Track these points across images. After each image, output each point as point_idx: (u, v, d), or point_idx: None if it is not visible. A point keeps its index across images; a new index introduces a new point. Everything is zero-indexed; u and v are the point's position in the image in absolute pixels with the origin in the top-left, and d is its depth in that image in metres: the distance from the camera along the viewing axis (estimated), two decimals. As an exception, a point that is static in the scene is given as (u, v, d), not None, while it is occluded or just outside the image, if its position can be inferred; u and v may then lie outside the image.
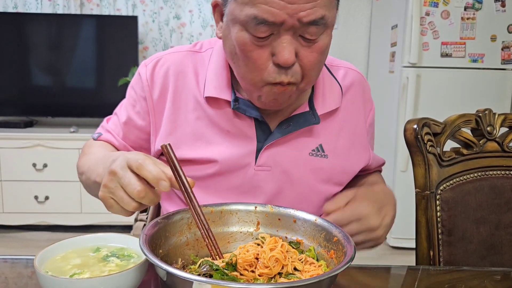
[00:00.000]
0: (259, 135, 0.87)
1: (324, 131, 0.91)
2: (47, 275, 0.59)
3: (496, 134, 1.05)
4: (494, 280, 0.79)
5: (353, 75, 0.97)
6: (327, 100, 0.90)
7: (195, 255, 0.70)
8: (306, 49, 0.72)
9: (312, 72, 0.75)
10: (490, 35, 2.73)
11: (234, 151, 0.86)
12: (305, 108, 0.88)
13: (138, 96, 0.92)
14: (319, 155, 0.90)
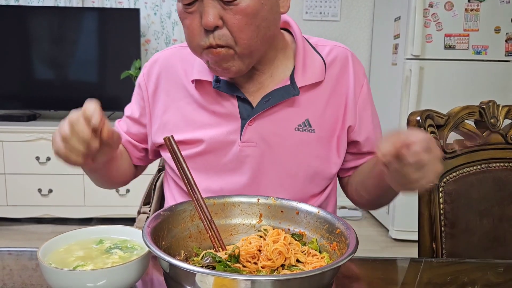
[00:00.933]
0: (242, 112, 0.89)
1: (309, 106, 0.91)
2: (51, 267, 0.59)
3: (500, 126, 1.04)
4: (497, 272, 0.79)
5: (338, 50, 0.97)
6: (308, 73, 0.90)
7: (198, 247, 0.70)
8: (229, 12, 0.76)
9: (241, 34, 0.77)
10: (494, 27, 2.71)
11: (219, 129, 0.90)
12: (286, 82, 0.90)
13: (139, 92, 1.00)
14: (306, 129, 0.91)
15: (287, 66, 0.92)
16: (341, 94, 0.93)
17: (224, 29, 0.77)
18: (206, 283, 0.51)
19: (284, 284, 0.51)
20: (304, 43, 0.94)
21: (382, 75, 3.20)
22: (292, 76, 0.90)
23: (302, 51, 0.91)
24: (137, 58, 3.03)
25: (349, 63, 0.95)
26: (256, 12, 0.77)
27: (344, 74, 0.94)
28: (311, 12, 3.38)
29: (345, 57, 0.96)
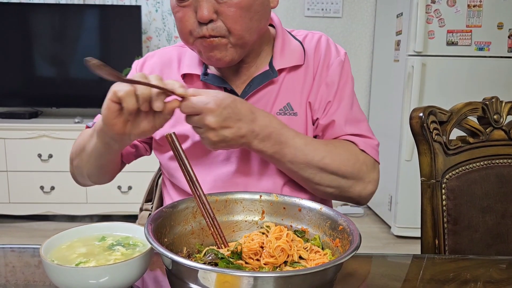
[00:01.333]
0: None
1: (290, 90, 0.93)
2: (53, 263, 0.59)
3: (503, 122, 1.04)
4: (500, 268, 0.79)
5: (315, 36, 0.99)
6: (286, 57, 0.93)
7: (200, 244, 0.70)
8: (223, 5, 0.79)
9: (235, 25, 0.80)
10: (497, 23, 2.69)
11: None
12: (266, 69, 0.93)
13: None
14: (288, 113, 0.92)
15: (269, 55, 0.96)
16: (321, 76, 0.95)
17: (218, 21, 0.80)
18: (209, 279, 0.51)
19: (287, 280, 0.51)
20: (283, 31, 0.97)
21: (384, 71, 3.19)
22: (271, 61, 0.93)
23: (280, 39, 0.95)
24: (139, 55, 3.02)
25: (321, 44, 0.97)
26: (250, 5, 0.80)
27: (318, 55, 0.96)
28: (313, 9, 3.37)
29: (319, 39, 0.98)
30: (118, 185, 2.93)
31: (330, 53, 0.97)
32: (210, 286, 0.51)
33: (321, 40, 0.98)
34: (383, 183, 3.14)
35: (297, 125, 0.92)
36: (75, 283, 0.58)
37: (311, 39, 0.99)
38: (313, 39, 0.99)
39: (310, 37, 0.99)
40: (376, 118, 3.37)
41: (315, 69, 0.95)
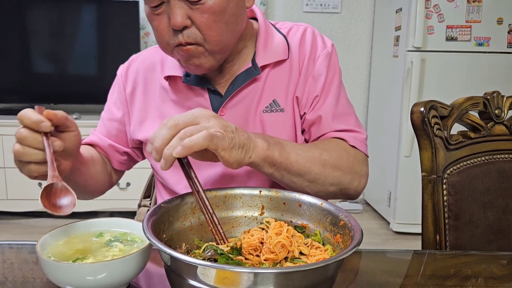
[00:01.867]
0: (214, 104, 0.91)
1: (275, 85, 0.91)
2: (50, 260, 0.58)
3: (505, 117, 1.03)
4: (501, 264, 0.78)
5: (298, 27, 0.97)
6: (269, 52, 0.91)
7: (200, 240, 0.69)
8: (196, 11, 0.76)
9: (210, 32, 0.78)
10: (497, 18, 2.68)
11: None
12: (248, 65, 0.91)
13: (117, 93, 1.01)
14: (275, 110, 0.91)
15: (252, 51, 0.94)
16: (303, 68, 0.93)
17: (192, 28, 0.78)
18: (208, 276, 0.50)
19: (288, 276, 0.50)
20: (266, 26, 0.94)
21: (383, 67, 3.18)
22: (253, 58, 0.91)
23: (263, 33, 0.92)
24: (137, 51, 2.98)
25: (307, 37, 0.95)
26: (223, 9, 0.78)
27: (303, 49, 0.94)
28: (312, 4, 3.36)
29: (304, 32, 0.95)
30: (117, 181, 2.92)
31: (316, 46, 0.95)
32: (210, 282, 0.50)
33: (307, 33, 0.96)
34: (382, 179, 3.15)
35: (284, 121, 0.91)
36: (72, 280, 0.57)
37: (295, 32, 0.96)
38: (298, 31, 0.96)
39: (294, 30, 0.96)
40: (375, 114, 3.36)
41: (301, 63, 0.93)
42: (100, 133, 1.03)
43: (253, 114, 0.91)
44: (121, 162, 1.05)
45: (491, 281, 0.70)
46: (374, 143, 3.31)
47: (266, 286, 0.49)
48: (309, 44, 0.94)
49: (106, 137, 1.02)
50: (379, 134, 3.20)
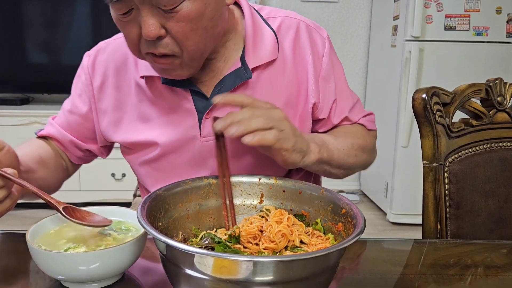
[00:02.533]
0: (198, 106, 0.83)
1: (266, 87, 0.85)
2: (40, 249, 0.56)
3: (507, 104, 1.01)
4: (501, 253, 0.77)
5: (291, 22, 0.89)
6: (259, 52, 0.83)
7: (197, 228, 0.67)
8: (170, 19, 0.67)
9: (187, 42, 0.70)
10: (496, 7, 2.66)
11: (176, 127, 0.84)
12: (237, 65, 0.83)
13: (82, 85, 0.92)
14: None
15: (238, 45, 0.85)
16: (300, 69, 0.87)
17: (168, 37, 0.69)
18: (205, 264, 0.48)
19: (288, 265, 0.48)
20: (253, 17, 0.86)
21: (381, 57, 3.16)
22: (243, 57, 0.83)
23: (251, 28, 0.84)
24: (132, 40, 2.97)
25: (302, 35, 0.88)
26: (201, 15, 0.69)
27: (300, 48, 0.88)
28: (309, -7, 3.32)
29: (297, 29, 0.88)
30: (112, 172, 2.90)
31: (316, 43, 0.89)
32: (207, 271, 0.48)
33: (301, 29, 0.88)
34: (379, 170, 3.14)
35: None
36: (63, 270, 0.55)
37: (287, 28, 0.88)
38: (291, 28, 0.88)
39: (286, 25, 0.88)
40: (372, 104, 3.34)
41: (302, 65, 0.87)
42: (60, 125, 0.95)
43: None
44: (81, 157, 0.98)
45: (492, 270, 0.69)
46: (372, 134, 3.29)
47: (266, 275, 0.47)
48: (307, 43, 0.88)
49: (66, 131, 0.94)
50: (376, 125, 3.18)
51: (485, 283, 0.65)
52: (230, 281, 0.48)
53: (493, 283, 0.65)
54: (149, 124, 0.86)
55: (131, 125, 0.88)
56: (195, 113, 0.83)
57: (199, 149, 0.85)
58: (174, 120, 0.84)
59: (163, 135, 0.85)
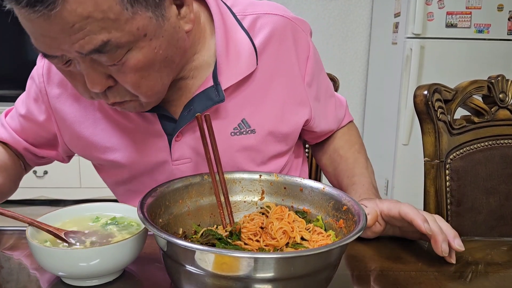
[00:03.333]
0: (166, 127, 0.76)
1: (244, 102, 0.76)
2: (40, 245, 0.55)
3: (509, 101, 1.01)
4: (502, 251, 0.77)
5: (272, 21, 0.77)
6: (234, 69, 0.73)
7: (197, 225, 0.67)
8: (116, 71, 0.60)
9: (140, 89, 0.62)
10: (497, 5, 2.65)
11: (144, 150, 0.78)
12: (208, 83, 0.73)
13: (37, 88, 0.82)
14: (244, 131, 0.77)
15: (209, 58, 0.75)
16: (282, 74, 0.79)
17: (118, 85, 0.62)
18: (206, 261, 0.48)
19: (289, 262, 0.48)
20: (225, 21, 0.74)
21: (382, 54, 3.15)
22: (215, 73, 0.73)
23: (223, 37, 0.73)
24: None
25: (285, 34, 0.78)
26: (151, 61, 0.61)
27: (286, 50, 0.79)
28: (310, -10, 3.31)
29: (282, 30, 0.78)
30: (112, 169, 2.90)
31: (301, 43, 0.80)
32: (207, 268, 0.48)
33: (284, 27, 0.78)
34: (379, 167, 3.14)
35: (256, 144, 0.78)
36: (64, 266, 0.55)
37: (267, 27, 0.77)
38: (271, 27, 0.77)
39: (265, 24, 0.77)
40: (373, 101, 3.34)
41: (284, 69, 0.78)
42: (15, 130, 0.87)
43: (220, 138, 0.74)
44: (39, 162, 0.92)
45: (493, 267, 0.69)
46: (372, 131, 3.29)
47: (266, 272, 0.47)
48: (291, 44, 0.78)
49: (21, 137, 0.86)
50: (377, 122, 3.18)
51: (486, 280, 0.65)
52: (231, 277, 0.47)
53: (494, 280, 0.65)
54: (113, 143, 0.79)
55: (94, 142, 0.80)
56: (164, 135, 0.76)
57: (171, 173, 0.78)
58: (140, 142, 0.78)
59: (129, 157, 0.79)
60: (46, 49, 0.58)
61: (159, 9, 0.59)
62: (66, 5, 0.51)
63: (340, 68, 3.44)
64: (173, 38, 0.63)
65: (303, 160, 0.97)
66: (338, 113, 0.95)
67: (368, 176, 0.87)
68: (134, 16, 0.56)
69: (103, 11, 0.53)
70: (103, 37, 0.55)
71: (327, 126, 0.92)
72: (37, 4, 0.51)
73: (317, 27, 3.35)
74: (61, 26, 0.53)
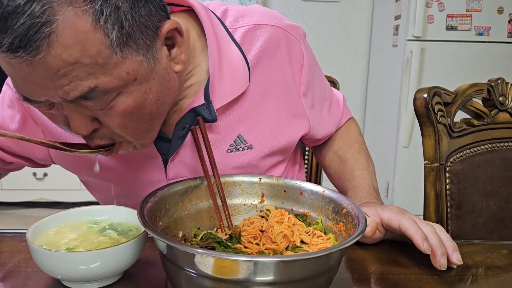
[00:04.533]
0: (160, 147, 0.74)
1: (239, 117, 0.74)
2: (40, 248, 0.55)
3: (509, 104, 1.01)
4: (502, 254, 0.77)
5: (265, 33, 0.75)
6: (227, 88, 0.71)
7: (197, 228, 0.67)
8: (103, 114, 0.56)
9: (127, 132, 0.60)
10: (497, 7, 2.65)
11: (137, 170, 0.76)
12: (200, 101, 0.71)
13: (14, 97, 0.77)
14: (241, 148, 0.75)
15: (200, 74, 0.73)
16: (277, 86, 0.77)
17: (104, 127, 0.59)
18: (206, 264, 0.48)
19: (289, 266, 0.48)
20: (217, 37, 0.72)
21: (383, 57, 3.15)
22: (207, 91, 0.70)
23: (216, 55, 0.70)
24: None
25: (279, 46, 0.76)
26: (140, 105, 0.58)
27: (280, 61, 0.77)
28: (310, -7, 3.31)
29: (275, 41, 0.76)
30: (113, 171, 2.90)
31: (295, 53, 0.78)
32: (207, 271, 0.48)
33: (277, 38, 0.75)
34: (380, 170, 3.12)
35: (253, 160, 0.77)
36: (64, 269, 0.55)
37: (259, 41, 0.74)
38: (263, 41, 0.74)
39: (255, 37, 0.74)
40: (373, 104, 3.34)
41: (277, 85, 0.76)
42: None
43: (217, 155, 0.73)
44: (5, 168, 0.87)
45: (493, 271, 0.69)
46: (373, 133, 3.29)
47: (266, 275, 0.47)
48: (285, 55, 0.76)
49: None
50: (377, 125, 3.18)
51: (486, 283, 0.65)
52: (230, 281, 0.47)
53: (494, 284, 0.65)
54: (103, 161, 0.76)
55: (81, 158, 0.77)
56: (158, 156, 0.75)
57: None
58: (133, 161, 0.76)
59: (121, 176, 0.77)
60: (28, 93, 0.54)
61: (150, 51, 0.56)
62: (51, 50, 0.48)
63: (340, 70, 3.44)
64: (164, 80, 0.60)
65: (300, 167, 0.96)
66: (335, 115, 0.94)
67: (368, 178, 0.86)
68: (124, 60, 0.53)
69: (91, 56, 0.50)
70: (90, 83, 0.52)
71: (326, 130, 0.91)
72: (19, 50, 0.47)
73: (317, 29, 3.36)
74: (44, 72, 0.49)
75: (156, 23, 0.57)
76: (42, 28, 0.47)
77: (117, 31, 0.51)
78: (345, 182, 0.88)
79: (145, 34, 0.55)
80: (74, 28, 0.48)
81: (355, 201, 0.79)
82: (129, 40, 0.53)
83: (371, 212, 0.69)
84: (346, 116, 0.99)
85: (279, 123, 0.78)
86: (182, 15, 0.73)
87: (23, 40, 0.47)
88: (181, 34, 0.62)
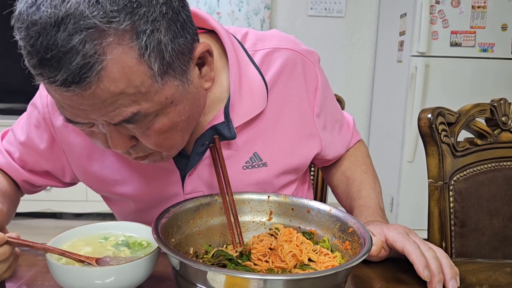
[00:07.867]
0: (179, 162, 0.77)
1: (255, 136, 0.77)
2: (58, 263, 0.58)
3: (511, 124, 1.03)
4: (506, 272, 0.78)
5: (282, 56, 0.79)
6: (246, 107, 0.75)
7: (208, 245, 0.69)
8: (141, 133, 0.61)
9: (163, 147, 0.64)
10: (501, 24, 2.68)
11: (155, 185, 0.79)
12: (220, 119, 0.74)
13: (41, 117, 0.80)
14: (256, 165, 0.78)
15: (221, 92, 0.76)
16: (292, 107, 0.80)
17: (140, 143, 0.63)
18: (218, 281, 0.50)
19: (297, 284, 0.50)
20: (238, 58, 0.75)
21: (387, 72, 3.18)
22: (227, 110, 0.74)
23: (237, 75, 0.74)
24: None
25: (296, 69, 0.80)
26: (175, 124, 0.62)
27: (295, 84, 0.80)
28: (316, 8, 3.36)
29: (292, 64, 0.80)
30: (119, 183, 2.92)
31: (310, 76, 0.81)
32: None
33: (294, 62, 0.79)
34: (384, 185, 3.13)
35: (268, 177, 0.80)
36: (80, 284, 0.57)
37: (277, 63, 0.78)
38: (281, 63, 0.78)
39: (273, 60, 0.78)
40: (378, 119, 3.36)
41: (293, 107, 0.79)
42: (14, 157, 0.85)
43: (233, 171, 0.76)
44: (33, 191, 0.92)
45: (496, 289, 0.70)
46: (377, 148, 3.30)
47: (275, 292, 0.49)
48: (301, 78, 0.80)
49: (19, 165, 0.85)
50: (382, 140, 3.20)
51: (489, 302, 0.66)
52: (241, 298, 0.49)
53: (497, 302, 0.66)
54: (122, 176, 0.80)
55: (102, 175, 0.81)
56: (177, 171, 0.78)
57: None
58: (151, 176, 0.79)
59: (140, 191, 0.80)
60: (72, 117, 0.58)
61: (185, 75, 0.61)
62: (100, 84, 0.52)
63: (345, 86, 3.47)
64: (195, 98, 0.65)
65: (309, 186, 0.99)
66: (345, 136, 0.97)
67: (374, 197, 0.88)
68: (164, 87, 0.57)
69: (135, 87, 0.54)
70: (133, 109, 0.56)
71: (336, 151, 0.94)
72: (72, 85, 0.52)
73: (323, 45, 3.39)
74: (92, 101, 0.54)
75: (190, 48, 0.61)
76: (94, 66, 0.51)
77: (159, 63, 0.55)
78: (352, 201, 0.90)
79: (182, 60, 0.59)
80: (122, 64, 0.52)
81: (361, 219, 0.81)
82: (169, 69, 0.57)
83: (377, 231, 0.71)
84: (355, 138, 1.02)
85: (294, 142, 0.81)
86: (205, 36, 0.77)
87: (76, 77, 0.51)
88: (211, 54, 0.66)
